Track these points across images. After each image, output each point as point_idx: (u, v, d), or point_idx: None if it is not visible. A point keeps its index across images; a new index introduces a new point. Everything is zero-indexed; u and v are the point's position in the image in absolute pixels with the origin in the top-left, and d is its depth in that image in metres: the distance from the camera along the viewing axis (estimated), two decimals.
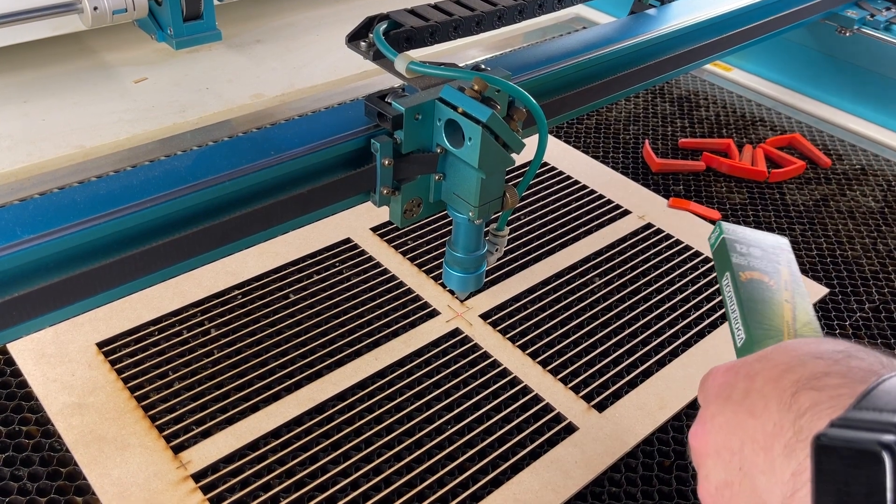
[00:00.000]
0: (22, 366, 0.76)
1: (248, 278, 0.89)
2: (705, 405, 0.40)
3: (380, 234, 0.98)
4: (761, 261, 0.55)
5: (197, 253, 0.60)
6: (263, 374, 0.78)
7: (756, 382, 0.36)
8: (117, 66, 1.25)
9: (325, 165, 0.65)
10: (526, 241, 0.99)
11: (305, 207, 0.64)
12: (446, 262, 0.75)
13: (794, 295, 0.52)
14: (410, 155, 0.66)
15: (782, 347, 0.37)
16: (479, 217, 0.67)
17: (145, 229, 0.57)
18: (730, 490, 0.35)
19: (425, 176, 0.68)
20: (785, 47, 1.39)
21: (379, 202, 0.68)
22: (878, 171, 1.21)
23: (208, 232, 0.59)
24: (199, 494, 0.67)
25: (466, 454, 0.72)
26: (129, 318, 0.82)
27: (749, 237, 0.57)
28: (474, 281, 0.75)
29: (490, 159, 0.62)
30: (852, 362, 0.33)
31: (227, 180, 0.59)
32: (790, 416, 0.32)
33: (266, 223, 0.63)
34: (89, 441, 0.70)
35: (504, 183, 0.67)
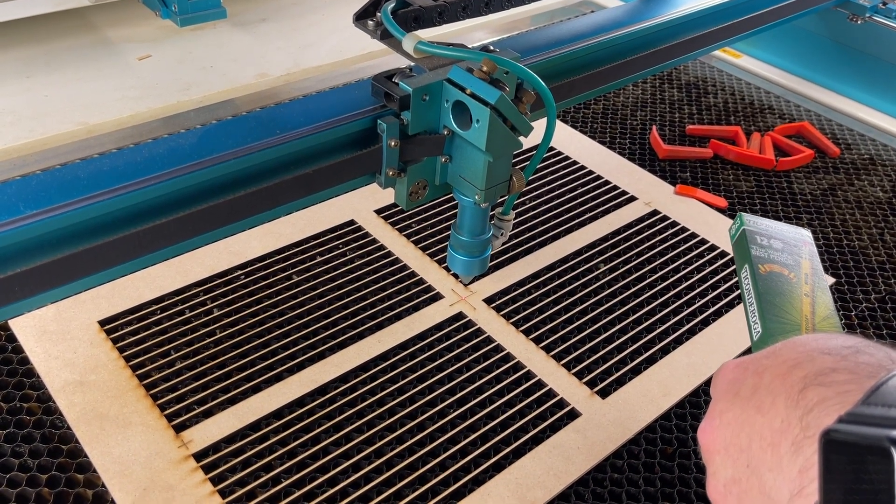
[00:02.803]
0: (24, 342, 0.76)
1: (251, 258, 0.89)
2: (714, 401, 0.39)
3: (384, 216, 0.97)
4: (782, 253, 0.54)
5: (201, 232, 0.59)
6: (266, 355, 0.78)
7: (764, 378, 0.36)
8: (121, 43, 1.24)
9: (330, 145, 0.64)
10: (531, 227, 0.99)
11: (311, 187, 0.64)
12: (451, 245, 0.74)
13: (814, 289, 0.52)
14: (417, 136, 0.65)
15: (791, 343, 0.37)
16: (486, 201, 0.66)
17: (149, 207, 0.56)
18: (738, 487, 0.35)
19: (431, 158, 0.67)
20: (795, 35, 1.38)
21: (384, 184, 0.67)
22: (886, 162, 1.20)
23: (213, 210, 0.58)
24: (201, 474, 0.66)
25: (469, 438, 0.72)
26: (132, 297, 0.82)
27: (770, 229, 0.56)
28: (479, 265, 0.74)
29: (497, 142, 0.61)
30: (861, 358, 0.33)
31: (231, 158, 0.58)
32: (798, 413, 0.32)
33: (271, 203, 0.62)
34: (91, 419, 0.70)
35: (511, 166, 0.66)
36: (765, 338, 0.48)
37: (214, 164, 0.57)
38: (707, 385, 0.80)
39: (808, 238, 0.57)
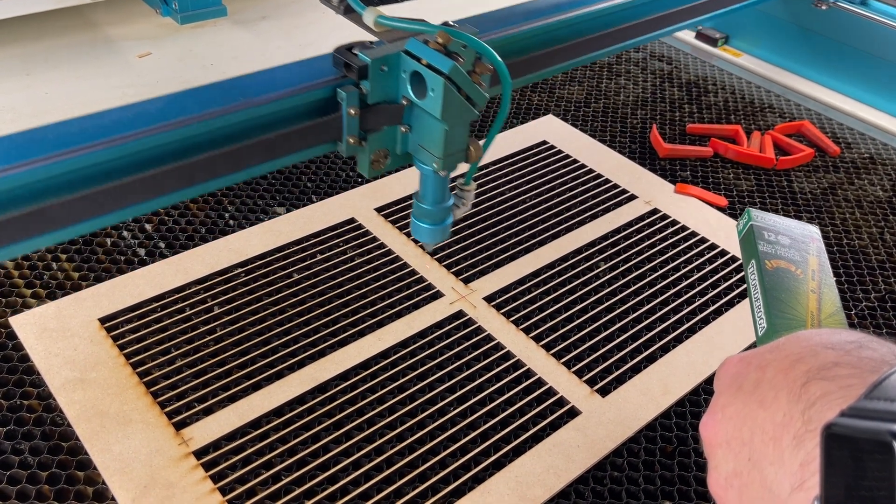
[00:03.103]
0: (24, 340, 0.76)
1: (251, 256, 0.89)
2: (717, 395, 0.39)
3: (384, 214, 0.97)
4: (789, 249, 0.54)
5: (165, 191, 0.63)
6: (266, 353, 0.78)
7: (767, 373, 0.36)
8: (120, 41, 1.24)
9: (292, 113, 0.68)
10: (531, 225, 0.99)
11: (273, 152, 0.67)
12: (414, 215, 0.77)
13: (820, 285, 0.52)
14: (376, 106, 0.68)
15: (795, 338, 0.37)
16: (444, 168, 0.70)
17: (115, 166, 0.59)
18: (739, 480, 0.35)
19: (392, 128, 0.70)
20: (795, 34, 1.38)
21: (346, 151, 0.70)
22: (886, 161, 1.20)
23: (177, 171, 0.62)
24: (201, 471, 0.67)
25: (469, 436, 0.72)
26: (132, 294, 0.82)
27: (778, 225, 0.56)
28: (441, 232, 0.77)
29: (453, 111, 0.65)
30: (863, 353, 0.33)
31: (195, 122, 0.62)
32: (800, 407, 0.32)
33: (234, 166, 0.65)
34: (91, 416, 0.70)
35: (468, 136, 0.70)
36: (769, 333, 0.48)
37: (179, 127, 0.61)
38: (707, 384, 0.80)
39: (816, 234, 0.57)
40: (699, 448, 0.73)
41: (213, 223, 0.95)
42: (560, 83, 1.32)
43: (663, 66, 1.41)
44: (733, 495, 0.36)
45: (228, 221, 0.95)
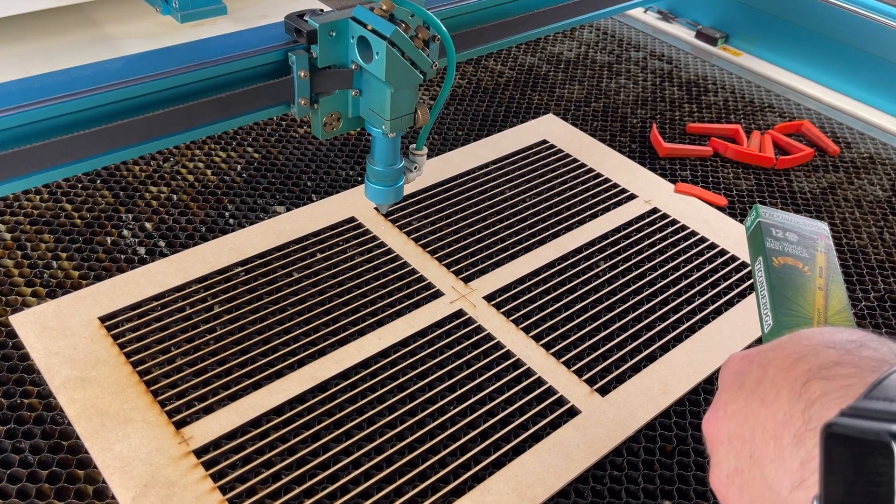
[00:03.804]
0: (24, 338, 0.76)
1: (251, 255, 0.89)
2: (720, 393, 0.40)
3: (384, 213, 0.97)
4: (797, 246, 0.54)
5: (122, 144, 0.68)
6: (266, 352, 0.78)
7: (769, 371, 0.36)
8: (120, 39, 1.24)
9: (246, 75, 0.73)
10: (531, 224, 0.99)
11: (227, 110, 0.72)
12: (367, 177, 0.82)
13: (828, 282, 0.51)
14: (326, 70, 0.74)
15: (797, 336, 0.37)
16: (392, 130, 0.75)
17: (74, 119, 0.64)
18: (740, 478, 0.35)
19: (343, 92, 0.75)
20: (795, 33, 1.38)
21: (298, 113, 0.76)
22: (886, 160, 1.20)
23: (133, 126, 0.67)
24: (201, 470, 0.67)
25: (469, 435, 0.72)
26: (132, 293, 0.82)
27: (786, 221, 0.56)
28: (393, 194, 0.82)
29: (397, 74, 0.69)
30: (864, 352, 0.33)
31: (150, 80, 0.67)
32: (800, 406, 0.32)
33: (188, 122, 0.71)
34: (91, 415, 0.70)
35: (416, 101, 0.74)
36: (776, 330, 0.48)
37: (136, 84, 0.67)
38: (707, 383, 0.80)
39: (824, 231, 0.56)
40: (699, 447, 0.74)
41: (213, 222, 0.95)
42: (560, 83, 1.32)
43: (663, 65, 1.41)
44: (735, 493, 0.36)
45: (228, 220, 0.95)
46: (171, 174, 1.01)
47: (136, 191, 0.98)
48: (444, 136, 1.15)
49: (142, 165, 1.02)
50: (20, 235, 0.89)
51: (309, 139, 1.10)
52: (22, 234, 0.90)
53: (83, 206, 0.95)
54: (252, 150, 1.07)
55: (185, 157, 1.05)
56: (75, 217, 0.93)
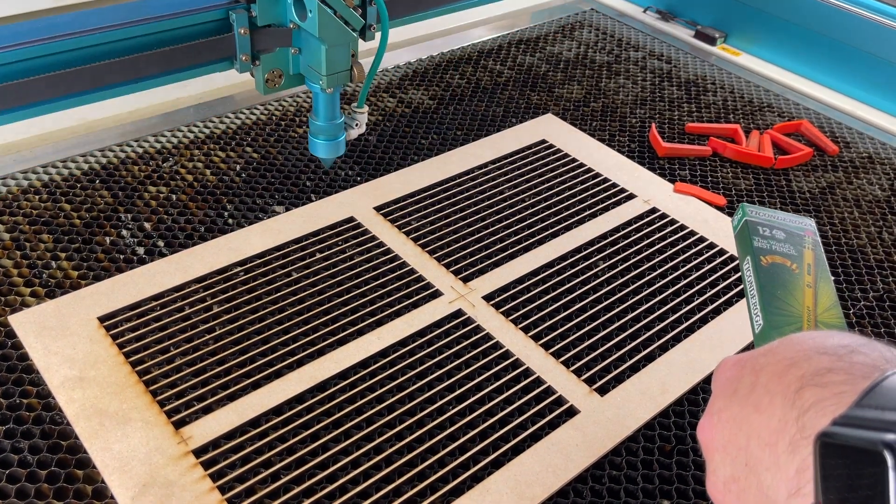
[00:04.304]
0: (23, 338, 0.76)
1: (250, 255, 0.89)
2: (713, 399, 0.40)
3: (383, 213, 0.97)
4: (784, 244, 0.53)
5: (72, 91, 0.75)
6: (265, 351, 0.78)
7: (761, 377, 0.36)
8: None
9: (190, 31, 0.80)
10: (530, 224, 0.99)
11: (170, 63, 0.79)
12: (311, 133, 0.89)
13: (816, 279, 0.51)
14: (266, 28, 0.80)
15: (789, 341, 0.37)
16: (330, 86, 0.81)
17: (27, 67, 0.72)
18: (737, 485, 0.35)
19: (284, 50, 0.82)
20: (794, 33, 1.38)
21: (240, 69, 0.82)
22: (885, 160, 1.20)
23: (82, 74, 0.73)
24: (200, 470, 0.67)
25: (468, 435, 0.72)
26: (131, 293, 0.82)
27: (773, 219, 0.55)
28: (335, 147, 0.90)
29: (330, 31, 0.76)
30: (855, 357, 0.33)
31: (98, 32, 0.74)
32: (794, 413, 0.32)
33: (135, 73, 0.77)
34: (90, 415, 0.70)
35: (351, 58, 0.81)
36: (766, 330, 0.48)
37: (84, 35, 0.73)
38: (705, 383, 0.80)
39: (811, 227, 0.56)
40: (697, 448, 0.74)
41: (212, 222, 0.95)
42: (559, 82, 1.32)
43: (662, 64, 1.41)
44: (731, 499, 0.36)
45: (227, 220, 0.95)
46: (169, 174, 1.01)
47: (134, 191, 0.98)
48: (443, 136, 1.15)
49: (140, 166, 1.02)
50: (19, 235, 0.89)
51: None
52: (21, 234, 0.90)
53: (82, 206, 0.95)
54: (251, 149, 1.07)
55: (183, 157, 1.05)
56: (74, 217, 0.93)
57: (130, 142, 1.07)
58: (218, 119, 1.13)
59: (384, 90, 1.25)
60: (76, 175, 1.00)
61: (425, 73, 1.31)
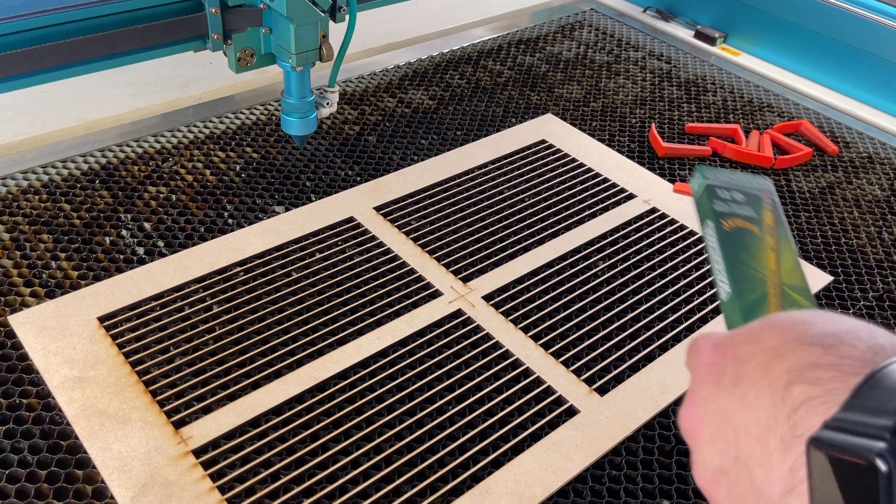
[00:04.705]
0: (23, 339, 0.76)
1: (250, 255, 0.89)
2: (695, 387, 0.39)
3: (383, 213, 0.97)
4: (744, 206, 0.51)
5: (49, 66, 0.77)
6: (265, 352, 0.78)
7: (746, 369, 0.35)
8: None
9: (163, 11, 0.83)
10: (530, 224, 0.99)
11: (143, 40, 0.82)
12: (283, 112, 0.93)
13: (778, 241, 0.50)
14: (237, 8, 0.83)
15: (769, 327, 0.36)
16: (299, 64, 0.84)
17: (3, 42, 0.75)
18: (727, 478, 0.35)
19: (255, 29, 0.85)
20: (794, 32, 1.38)
21: (213, 47, 0.85)
22: (884, 160, 1.20)
23: (58, 49, 0.77)
24: (200, 470, 0.67)
25: (467, 435, 0.72)
26: (131, 293, 0.82)
27: (732, 181, 0.53)
28: (306, 125, 0.94)
29: (298, 10, 0.79)
30: (843, 350, 0.32)
31: (73, 9, 0.77)
32: (785, 410, 0.32)
33: (109, 49, 0.80)
34: (90, 415, 0.70)
35: (319, 38, 0.84)
36: (734, 298, 0.47)
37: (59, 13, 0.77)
38: None
39: (768, 187, 0.54)
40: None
41: (211, 222, 0.95)
42: (559, 82, 1.32)
43: (662, 64, 1.41)
44: (722, 492, 0.36)
45: (227, 220, 0.95)
46: (169, 174, 1.01)
47: (134, 191, 0.98)
48: (442, 136, 1.15)
49: (140, 166, 1.02)
50: (19, 236, 0.89)
51: (308, 139, 1.10)
52: (21, 234, 0.90)
53: (82, 206, 0.95)
54: (251, 150, 1.07)
55: (183, 157, 1.05)
56: (74, 217, 0.93)
57: (130, 142, 1.07)
58: (218, 119, 1.13)
59: (384, 90, 1.25)
60: (76, 175, 1.00)
61: (425, 73, 1.31)
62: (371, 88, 1.25)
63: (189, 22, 0.84)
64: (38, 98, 1.14)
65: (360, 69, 1.30)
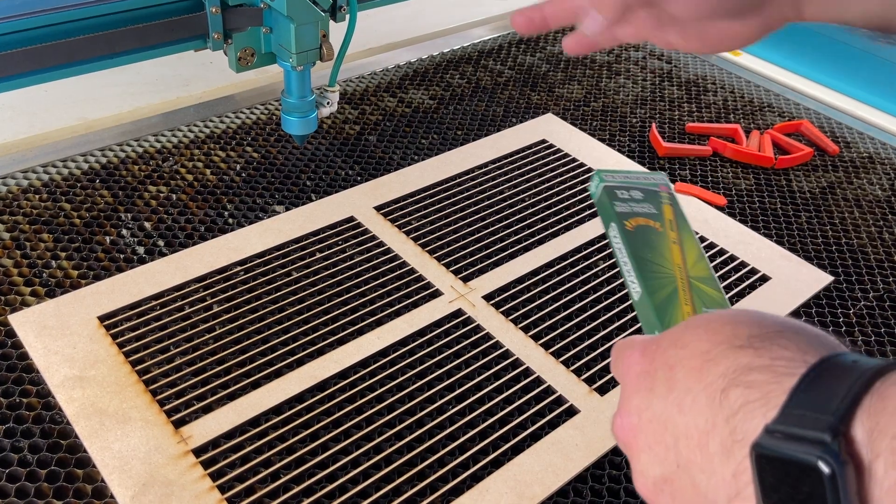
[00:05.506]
0: (23, 338, 0.76)
1: (250, 255, 0.89)
2: (627, 396, 0.38)
3: (383, 213, 0.97)
4: (643, 203, 0.51)
5: (49, 65, 0.77)
6: (265, 351, 0.78)
7: (677, 373, 0.35)
8: None
9: (164, 10, 0.83)
10: (530, 224, 0.99)
11: (143, 39, 0.81)
12: (283, 111, 0.93)
13: (680, 234, 0.50)
14: (238, 7, 0.83)
15: (694, 330, 0.36)
16: (299, 63, 0.84)
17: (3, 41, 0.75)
18: (670, 486, 0.35)
19: (255, 29, 0.85)
20: (795, 32, 1.38)
21: (213, 47, 0.85)
22: (885, 160, 1.20)
23: (58, 48, 0.76)
24: (200, 469, 0.67)
25: (467, 434, 0.72)
26: (131, 293, 0.82)
27: (629, 180, 0.53)
28: (306, 124, 0.94)
29: (298, 9, 0.79)
30: (775, 351, 0.32)
31: (74, 8, 0.77)
32: (723, 414, 0.32)
33: (109, 48, 0.79)
34: (90, 414, 0.70)
35: (320, 37, 0.84)
36: (646, 297, 0.47)
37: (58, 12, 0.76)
38: None
39: (664, 180, 0.54)
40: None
41: (212, 221, 0.95)
42: (559, 82, 1.32)
43: (662, 64, 1.41)
44: (665, 500, 0.35)
45: (228, 220, 0.95)
46: (170, 174, 1.01)
47: (135, 190, 0.98)
48: (443, 136, 1.15)
49: (141, 165, 1.02)
50: (19, 235, 0.89)
51: (308, 138, 1.10)
52: (21, 233, 0.90)
53: (82, 205, 0.95)
54: (251, 149, 1.07)
55: (184, 156, 1.05)
56: (74, 217, 0.93)
57: (130, 141, 1.07)
58: (218, 119, 1.13)
59: (385, 90, 1.25)
60: (76, 175, 1.00)
61: (426, 72, 1.31)
62: (371, 88, 1.25)
63: (189, 21, 0.84)
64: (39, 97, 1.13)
65: (360, 69, 1.30)
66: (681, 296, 0.46)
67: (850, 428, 0.28)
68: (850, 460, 0.27)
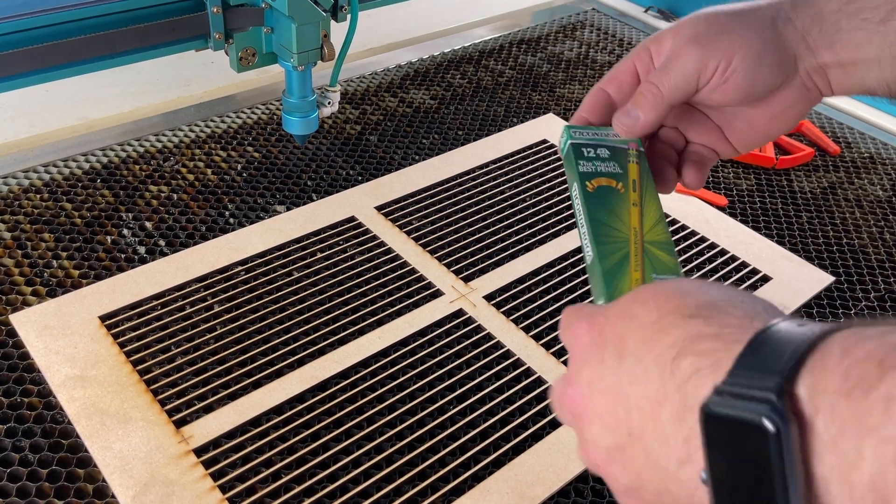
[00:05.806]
0: (24, 337, 0.76)
1: (251, 254, 0.89)
2: (576, 367, 0.38)
3: (384, 212, 0.97)
4: (609, 162, 0.50)
5: (50, 64, 0.77)
6: (266, 351, 0.78)
7: (627, 344, 0.35)
8: None
9: (165, 10, 0.83)
10: (532, 223, 0.99)
11: (145, 39, 0.81)
12: (284, 111, 0.92)
13: (642, 195, 0.49)
14: (239, 7, 0.83)
15: (643, 300, 0.36)
16: (300, 63, 0.84)
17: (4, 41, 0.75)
18: (622, 455, 0.35)
19: (256, 29, 0.85)
20: None
21: (214, 47, 0.85)
22: (886, 160, 1.20)
23: (59, 48, 0.76)
24: (201, 469, 0.67)
25: (468, 435, 0.72)
26: (132, 292, 0.82)
27: (597, 137, 0.52)
28: (307, 124, 0.94)
29: (300, 9, 0.79)
30: (723, 319, 0.33)
31: (75, 8, 0.78)
32: (674, 383, 0.32)
33: (110, 48, 0.80)
34: (91, 414, 0.70)
35: (321, 37, 0.84)
36: (596, 262, 0.46)
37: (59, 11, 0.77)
38: None
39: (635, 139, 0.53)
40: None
41: (213, 221, 0.95)
42: (560, 82, 1.32)
43: None
44: (618, 469, 0.36)
45: (228, 220, 0.95)
46: (171, 173, 1.01)
47: (136, 190, 0.98)
48: (444, 136, 1.15)
49: (142, 165, 1.02)
50: (20, 235, 0.89)
51: (309, 138, 1.10)
52: (22, 233, 0.90)
53: (83, 205, 0.95)
54: (252, 149, 1.07)
55: (185, 156, 1.05)
56: (75, 216, 0.93)
57: (132, 141, 1.07)
58: (219, 118, 1.13)
59: (385, 90, 1.25)
60: (77, 174, 1.00)
61: (426, 72, 1.31)
62: (372, 88, 1.25)
63: (190, 21, 0.84)
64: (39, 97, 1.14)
65: (361, 69, 1.30)
66: (632, 261, 0.46)
67: (794, 387, 0.29)
68: (795, 418, 0.28)
